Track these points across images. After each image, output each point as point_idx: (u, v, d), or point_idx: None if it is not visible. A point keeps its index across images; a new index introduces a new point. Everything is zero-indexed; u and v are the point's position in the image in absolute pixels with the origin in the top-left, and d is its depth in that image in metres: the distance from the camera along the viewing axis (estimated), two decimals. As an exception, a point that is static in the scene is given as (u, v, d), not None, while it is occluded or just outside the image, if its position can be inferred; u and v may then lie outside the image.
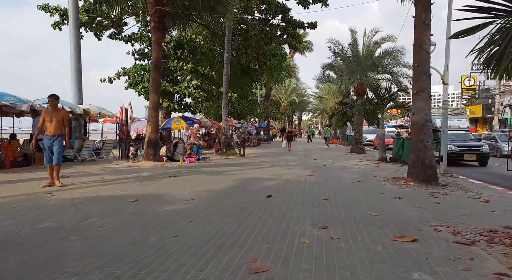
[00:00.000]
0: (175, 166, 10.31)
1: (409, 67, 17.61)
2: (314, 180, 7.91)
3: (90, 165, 10.67)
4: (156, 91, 10.93)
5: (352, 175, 9.02)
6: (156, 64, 10.93)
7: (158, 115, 11.14)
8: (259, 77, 27.12)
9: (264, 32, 20.44)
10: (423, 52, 7.66)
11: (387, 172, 9.95)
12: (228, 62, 15.14)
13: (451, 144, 12.75)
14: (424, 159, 7.55)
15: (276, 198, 5.56)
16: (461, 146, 13.52)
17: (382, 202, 5.52)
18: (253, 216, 4.36)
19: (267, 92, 37.81)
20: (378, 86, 14.41)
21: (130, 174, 8.38)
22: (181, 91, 17.29)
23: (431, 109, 7.82)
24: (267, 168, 10.08)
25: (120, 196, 5.60)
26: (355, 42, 18.12)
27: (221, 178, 7.82)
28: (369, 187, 7.08)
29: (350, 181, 7.89)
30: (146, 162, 10.63)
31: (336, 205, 5.16)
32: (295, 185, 7.01)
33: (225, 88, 15.08)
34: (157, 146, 11.04)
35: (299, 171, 9.60)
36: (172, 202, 5.17)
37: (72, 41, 14.93)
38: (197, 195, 5.76)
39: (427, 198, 5.97)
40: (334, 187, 6.89)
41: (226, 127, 15.32)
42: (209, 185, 6.87)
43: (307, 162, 12.60)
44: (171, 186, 6.68)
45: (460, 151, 13.34)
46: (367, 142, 25.80)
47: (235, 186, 6.73)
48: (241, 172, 9.10)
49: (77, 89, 14.91)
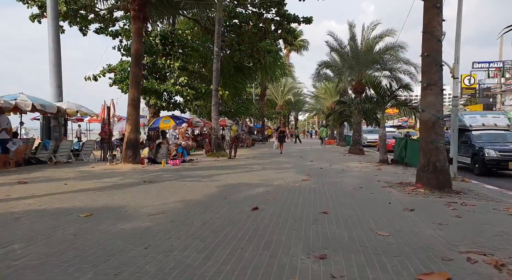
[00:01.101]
0: (156, 169, 9.28)
1: (410, 64, 16.74)
2: (310, 186, 6.93)
3: (63, 168, 9.61)
4: (136, 87, 9.90)
5: (352, 179, 8.05)
6: (136, 57, 9.90)
7: (138, 113, 10.11)
8: (254, 75, 26.12)
9: (258, 27, 19.42)
10: (433, 40, 6.71)
11: (391, 176, 9.00)
12: (218, 57, 14.12)
13: (489, 148, 10.21)
14: (436, 162, 6.60)
15: (263, 212, 4.56)
16: (504, 151, 10.14)
17: (391, 216, 4.54)
18: (229, 241, 3.36)
19: (262, 91, 36.82)
20: (379, 82, 13.46)
21: (101, 179, 7.34)
22: (168, 88, 16.24)
23: (443, 104, 6.87)
24: (258, 172, 9.09)
25: (73, 209, 4.57)
26: (353, 36, 17.18)
27: (202, 184, 6.81)
28: (373, 195, 6.11)
29: (351, 187, 6.92)
30: (124, 165, 9.60)
31: (336, 221, 4.18)
32: (287, 193, 6.02)
33: (214, 85, 14.05)
34: (137, 147, 10.01)
35: (294, 175, 8.61)
36: (133, 218, 4.15)
37: (51, 34, 13.85)
38: (167, 207, 4.74)
39: (444, 210, 5.00)
40: (333, 196, 5.91)
41: (216, 126, 14.30)
42: (186, 193, 5.85)
43: (303, 164, 11.62)
44: (141, 195, 5.66)
45: (502, 157, 10.01)
46: (367, 143, 24.57)
47: (217, 195, 5.72)
48: (228, 176, 8.10)
49: (56, 86, 13.84)
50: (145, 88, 16.16)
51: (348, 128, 35.29)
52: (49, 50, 13.77)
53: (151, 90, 16.47)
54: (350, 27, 17.36)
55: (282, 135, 17.48)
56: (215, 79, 14.10)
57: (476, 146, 10.74)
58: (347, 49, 17.81)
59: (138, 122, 10.23)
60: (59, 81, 13.89)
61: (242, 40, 20.41)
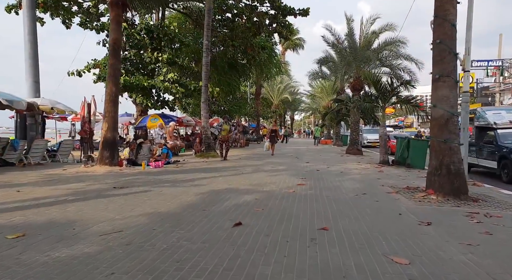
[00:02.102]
0: (134, 172, 8.33)
1: (412, 60, 15.93)
2: (306, 192, 6.04)
3: (31, 171, 8.64)
4: (114, 81, 8.95)
5: (353, 184, 7.18)
6: (114, 48, 8.93)
7: (116, 110, 9.15)
8: (248, 72, 25.21)
9: (252, 21, 18.52)
10: (447, 25, 5.85)
11: (395, 179, 8.16)
12: (207, 50, 13.19)
13: None
14: (450, 165, 5.74)
15: (247, 229, 3.66)
16: None
17: (405, 232, 3.67)
18: (196, 276, 2.45)
19: (257, 90, 35.89)
20: (379, 79, 12.61)
21: (66, 185, 6.40)
22: (156, 85, 15.26)
23: (457, 99, 6.03)
24: (249, 175, 8.19)
25: (5, 227, 3.64)
26: (351, 31, 16.33)
27: (181, 190, 5.89)
28: (379, 203, 5.24)
29: (353, 193, 6.05)
30: (100, 167, 8.65)
31: (339, 241, 3.29)
32: (279, 202, 5.13)
33: (204, 81, 13.12)
34: (115, 147, 9.05)
35: (288, 178, 7.72)
36: (78, 239, 3.23)
37: (27, 24, 12.85)
38: (128, 223, 3.83)
39: (467, 223, 4.14)
40: (333, 204, 5.03)
41: (206, 125, 13.36)
42: (158, 203, 4.93)
43: (298, 166, 10.75)
44: (102, 205, 4.73)
45: None
46: (368, 143, 23.47)
47: (195, 206, 4.81)
48: (214, 180, 7.19)
49: (33, 81, 12.84)
50: (131, 84, 15.20)
51: (345, 128, 34.57)
52: (25, 41, 12.76)
53: (137, 87, 15.49)
54: (348, 21, 16.52)
55: (273, 134, 15.88)
56: (204, 74, 13.17)
57: (504, 147, 9.01)
58: (345, 44, 16.97)
59: (116, 120, 9.28)
60: (36, 76, 12.89)
61: (236, 35, 19.49)
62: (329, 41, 17.03)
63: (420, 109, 12.20)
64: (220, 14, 19.20)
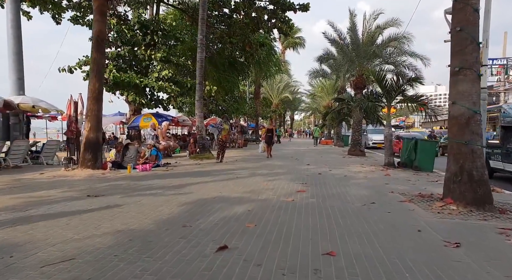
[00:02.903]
0: (118, 176, 7.58)
1: (417, 56, 15.17)
2: (307, 200, 5.30)
3: (6, 174, 7.89)
4: (97, 76, 8.20)
5: (359, 190, 6.43)
6: (98, 41, 8.18)
7: (100, 108, 8.40)
8: (247, 70, 24.46)
9: (250, 17, 17.77)
10: (469, 10, 5.11)
11: (404, 184, 7.42)
12: (202, 45, 12.43)
13: None
14: (472, 170, 4.99)
15: (234, 255, 2.91)
16: None
17: (431, 257, 2.93)
18: None
19: (256, 89, 35.12)
20: (384, 75, 11.86)
21: (35, 192, 5.65)
22: (149, 83, 14.51)
23: (480, 94, 5.28)
24: (244, 180, 7.44)
25: None
26: (353, 26, 15.57)
27: (164, 200, 5.14)
28: (392, 215, 4.50)
29: (360, 202, 5.30)
30: (81, 171, 7.90)
31: (350, 273, 2.55)
32: (276, 214, 4.39)
33: (198, 78, 12.36)
34: (98, 149, 8.30)
35: (286, 184, 6.97)
36: (12, 273, 2.48)
37: (10, 18, 12.15)
38: (86, 246, 3.08)
39: (504, 245, 3.40)
40: (339, 218, 4.28)
41: (201, 125, 12.60)
42: (132, 217, 4.19)
43: (298, 168, 10.00)
44: (63, 220, 3.99)
45: None
46: (373, 144, 22.20)
47: (174, 220, 4.06)
48: (203, 187, 6.44)
49: (17, 78, 12.13)
50: (123, 82, 14.46)
51: (346, 128, 33.79)
52: (8, 36, 12.06)
53: (129, 85, 14.74)
54: (351, 15, 15.76)
55: (270, 135, 13.99)
56: (199, 71, 12.41)
57: None
58: (347, 40, 16.20)
59: (100, 119, 8.53)
60: (20, 72, 12.17)
61: (233, 32, 18.75)
62: (331, 38, 16.28)
63: (427, 108, 11.46)
64: (217, 10, 18.46)
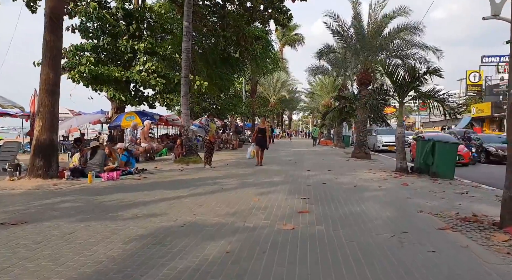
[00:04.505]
0: (73, 188, 6.04)
1: (429, 49, 13.69)
2: (312, 229, 3.80)
3: None
4: (52, 64, 6.65)
5: (378, 208, 4.94)
6: (51, 19, 6.60)
7: (55, 103, 6.83)
8: (242, 66, 22.96)
9: (244, 7, 16.27)
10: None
11: (429, 197, 5.97)
12: (188, 34, 10.89)
13: None
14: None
15: None
16: None
17: None
18: None
19: (253, 86, 33.62)
20: (395, 68, 10.37)
21: None
22: (131, 76, 12.95)
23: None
24: (229, 193, 5.92)
25: None
26: (358, 15, 14.07)
27: (109, 231, 3.60)
28: (441, 259, 3.00)
29: (386, 231, 3.81)
30: (29, 180, 6.36)
31: None
32: (267, 260, 2.87)
33: (184, 71, 10.82)
34: (53, 153, 6.74)
35: (284, 199, 5.46)
36: None
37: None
38: None
39: None
40: (363, 265, 2.78)
41: (187, 124, 11.07)
42: (38, 266, 2.66)
43: (298, 175, 8.49)
44: None
45: None
46: (383, 147, 19.74)
47: (109, 272, 2.54)
48: (174, 205, 4.92)
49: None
50: (101, 75, 12.89)
51: (347, 128, 32.32)
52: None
53: (109, 79, 13.18)
54: (355, 4, 14.27)
55: (261, 136, 10.62)
56: (184, 62, 10.86)
57: None
58: (351, 31, 14.72)
59: (55, 116, 6.98)
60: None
61: (227, 24, 17.24)
62: (333, 28, 14.78)
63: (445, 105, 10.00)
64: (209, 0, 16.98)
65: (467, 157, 12.64)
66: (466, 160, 12.53)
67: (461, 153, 11.90)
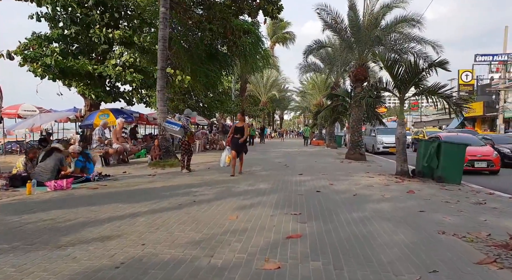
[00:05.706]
0: (1, 202, 4.78)
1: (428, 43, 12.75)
2: (305, 267, 2.66)
3: None
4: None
5: (389, 228, 3.84)
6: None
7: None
8: (230, 62, 21.75)
9: (231, -2, 15.12)
10: None
11: (445, 210, 4.92)
12: (165, 20, 9.64)
13: None
14: None
15: None
16: None
17: None
18: None
19: (242, 85, 32.43)
20: (396, 61, 9.35)
21: None
22: (105, 71, 11.63)
23: None
24: (201, 208, 4.74)
25: None
26: (353, 5, 13.03)
27: (3, 276, 2.40)
28: None
29: (409, 271, 2.70)
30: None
31: None
32: None
33: (160, 62, 9.58)
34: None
35: (268, 216, 4.31)
36: None
37: None
38: None
39: None
40: None
41: (164, 123, 9.84)
42: None
43: (288, 181, 7.36)
44: None
45: None
46: (384, 148, 17.83)
47: None
48: (123, 229, 3.73)
49: None
50: (70, 69, 11.55)
51: (339, 128, 31.38)
52: None
53: (79, 73, 11.85)
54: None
55: (237, 137, 8.13)
56: (161, 53, 9.62)
57: None
58: (345, 23, 13.67)
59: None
60: None
61: (213, 16, 16.02)
62: (327, 20, 13.72)
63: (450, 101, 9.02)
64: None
65: (497, 163, 10.15)
66: (497, 166, 10.12)
67: (490, 158, 10.02)
